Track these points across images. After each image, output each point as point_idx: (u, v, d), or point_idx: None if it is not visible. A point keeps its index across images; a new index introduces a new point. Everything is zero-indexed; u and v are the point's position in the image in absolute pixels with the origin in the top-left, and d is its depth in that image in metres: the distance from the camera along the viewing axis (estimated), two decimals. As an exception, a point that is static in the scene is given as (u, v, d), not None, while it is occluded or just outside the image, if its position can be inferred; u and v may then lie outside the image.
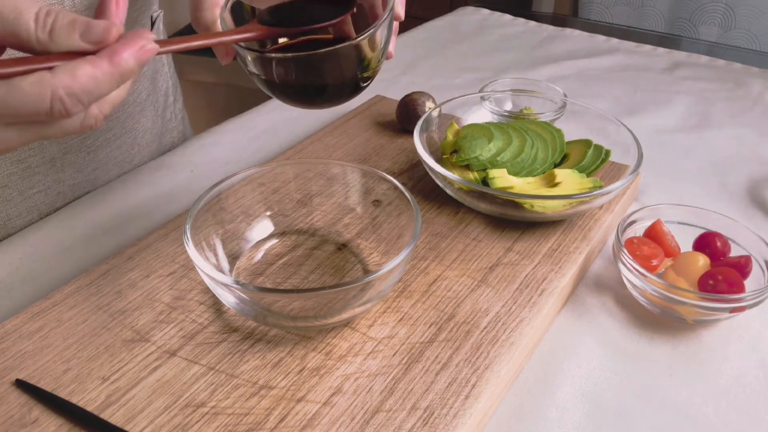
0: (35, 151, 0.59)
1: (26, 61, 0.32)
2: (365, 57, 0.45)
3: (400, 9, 0.47)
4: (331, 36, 0.50)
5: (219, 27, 0.44)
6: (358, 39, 0.43)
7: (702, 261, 0.51)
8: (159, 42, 0.36)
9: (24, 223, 0.61)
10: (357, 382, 0.42)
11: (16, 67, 0.32)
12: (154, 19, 0.71)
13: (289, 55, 0.45)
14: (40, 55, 0.33)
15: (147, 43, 0.34)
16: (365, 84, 0.48)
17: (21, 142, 0.34)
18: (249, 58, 0.45)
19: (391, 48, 0.48)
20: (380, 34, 0.45)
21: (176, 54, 0.80)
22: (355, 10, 0.46)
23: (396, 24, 0.49)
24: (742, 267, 0.51)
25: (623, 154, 0.59)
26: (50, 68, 0.32)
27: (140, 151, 0.71)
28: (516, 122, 0.65)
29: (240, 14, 0.47)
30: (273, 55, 0.45)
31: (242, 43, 0.44)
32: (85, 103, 0.33)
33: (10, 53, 0.35)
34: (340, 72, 0.46)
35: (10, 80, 0.31)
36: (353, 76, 0.46)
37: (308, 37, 0.49)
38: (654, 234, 0.54)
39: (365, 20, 0.48)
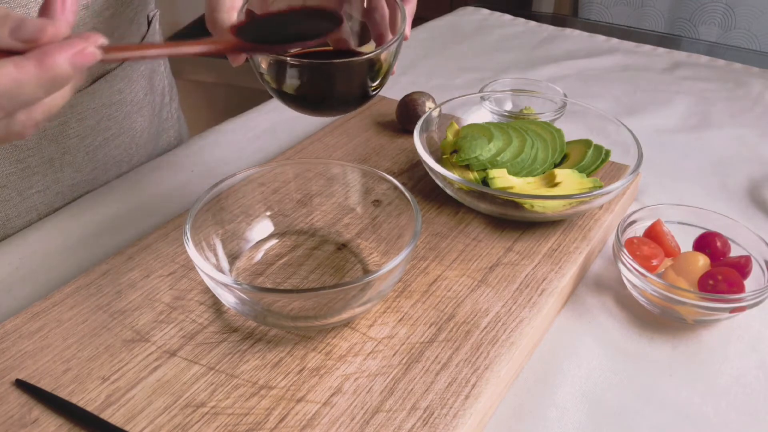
0: (34, 152, 0.59)
1: None
2: (377, 70, 0.46)
3: (408, 30, 0.48)
4: (330, 47, 0.50)
5: None
6: (378, 52, 0.45)
7: (702, 261, 0.51)
8: (110, 48, 0.33)
9: (23, 223, 0.61)
10: (357, 382, 0.42)
11: None
12: (150, 19, 0.71)
13: (307, 61, 0.45)
14: None
15: (87, 46, 0.31)
16: (372, 95, 0.48)
17: None
18: (262, 63, 0.45)
19: (394, 66, 0.49)
20: (389, 53, 0.46)
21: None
22: (340, 26, 0.44)
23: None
24: (742, 267, 0.51)
25: (623, 154, 0.59)
26: None
27: (138, 150, 0.71)
28: (516, 122, 0.65)
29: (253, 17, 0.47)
30: (290, 60, 0.45)
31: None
32: (7, 108, 0.30)
33: None
34: (352, 82, 0.47)
35: None
36: (364, 87, 0.47)
37: (312, 49, 0.50)
38: (654, 234, 0.54)
39: (365, 27, 0.49)
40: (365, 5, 0.49)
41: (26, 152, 0.59)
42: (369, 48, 0.50)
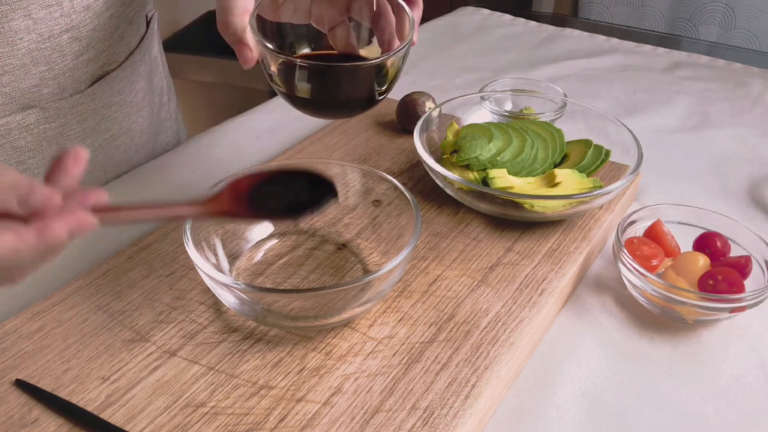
0: (34, 153, 0.59)
1: None
2: (385, 75, 0.47)
3: (416, 36, 0.48)
4: (335, 51, 0.51)
5: (249, 34, 0.44)
6: (387, 57, 0.45)
7: (702, 261, 0.51)
8: (105, 210, 0.34)
9: None
10: (357, 382, 0.42)
11: None
12: (149, 19, 0.72)
13: (318, 64, 0.46)
14: None
15: (84, 217, 0.32)
16: (378, 100, 0.49)
17: None
18: (272, 65, 0.45)
19: (401, 72, 0.49)
20: (399, 57, 0.46)
21: (176, 54, 0.79)
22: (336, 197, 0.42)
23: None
24: (742, 267, 0.51)
25: (623, 154, 0.59)
26: None
27: (137, 151, 0.71)
28: (516, 122, 0.65)
29: (263, 22, 0.48)
30: (300, 62, 0.46)
31: (271, 46, 0.44)
32: (0, 269, 0.31)
33: None
34: (360, 86, 0.47)
35: None
36: (371, 91, 0.47)
37: (318, 52, 0.51)
38: (654, 234, 0.54)
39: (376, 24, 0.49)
40: (373, 11, 0.49)
41: (27, 154, 0.59)
42: (372, 53, 0.50)
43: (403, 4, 0.47)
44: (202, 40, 1.75)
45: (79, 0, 0.56)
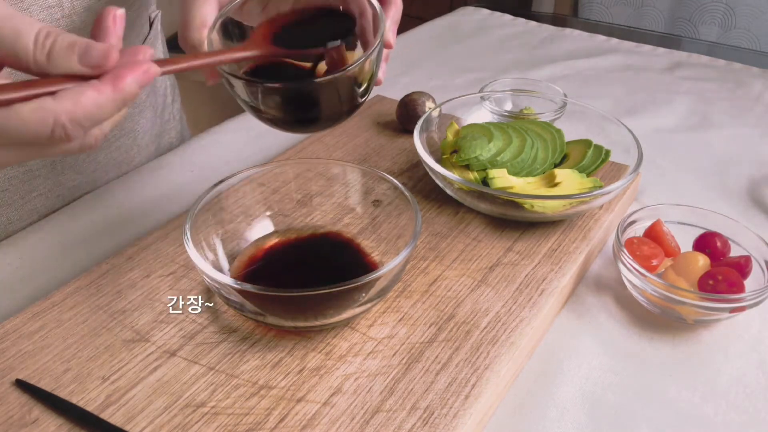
0: None
1: (27, 86, 0.32)
2: (355, 85, 0.45)
3: (391, 37, 0.46)
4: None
5: (206, 48, 0.43)
6: (349, 68, 0.42)
7: (702, 261, 0.51)
8: (160, 62, 0.35)
9: (24, 226, 0.61)
10: (357, 382, 0.42)
11: (16, 93, 0.31)
12: (152, 20, 0.71)
13: (277, 85, 0.44)
14: (39, 76, 0.33)
15: (150, 66, 0.34)
16: (354, 109, 0.47)
17: (17, 160, 0.34)
18: (235, 84, 0.44)
19: (380, 75, 0.47)
20: (370, 63, 0.44)
21: (176, 54, 0.79)
22: (355, 32, 0.45)
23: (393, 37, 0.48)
24: (742, 267, 0.51)
25: (623, 154, 0.59)
26: (52, 93, 0.32)
27: (139, 152, 0.71)
28: (516, 122, 0.65)
29: (230, 33, 0.46)
30: (261, 82, 0.44)
31: (226, 69, 0.43)
32: (87, 127, 0.33)
33: (9, 72, 0.35)
34: (330, 100, 0.45)
35: (10, 106, 0.31)
36: (343, 103, 0.46)
37: (285, 60, 0.48)
38: (654, 234, 0.54)
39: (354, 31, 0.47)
40: (353, 11, 0.47)
41: None
42: (357, 55, 0.48)
43: (375, 3, 0.45)
44: (202, 40, 1.75)
45: (80, 1, 0.55)
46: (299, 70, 0.46)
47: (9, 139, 0.32)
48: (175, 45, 0.83)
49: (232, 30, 0.47)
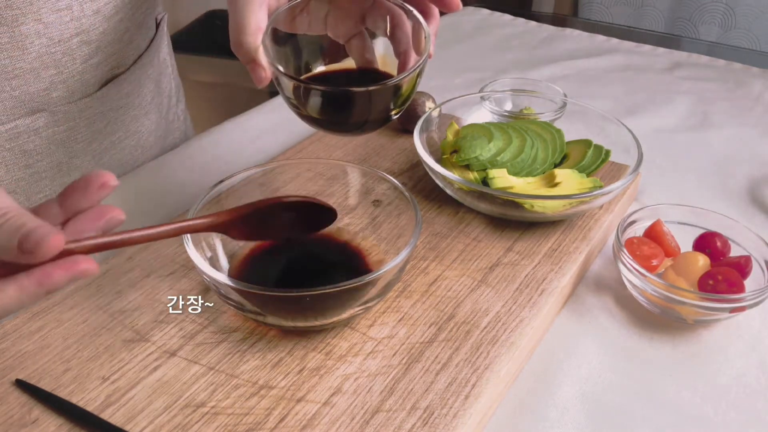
0: (42, 156, 0.59)
1: None
2: (401, 92, 0.47)
3: (432, 49, 0.48)
4: (352, 66, 0.51)
5: (262, 54, 0.44)
6: (398, 79, 0.45)
7: (702, 261, 0.51)
8: (111, 236, 0.34)
9: None
10: (357, 382, 0.42)
11: None
12: (158, 21, 0.71)
13: (332, 89, 0.45)
14: None
15: (88, 267, 0.32)
16: (395, 116, 0.49)
17: None
18: (287, 86, 0.46)
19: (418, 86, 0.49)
20: (413, 78, 0.46)
21: (176, 54, 0.79)
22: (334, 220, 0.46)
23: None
24: (742, 267, 0.51)
25: (623, 154, 0.59)
26: None
27: (143, 153, 0.71)
28: (516, 122, 0.65)
29: (279, 39, 0.48)
30: (313, 86, 0.46)
31: (282, 69, 0.44)
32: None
33: None
34: (377, 106, 0.47)
35: None
36: (387, 111, 0.47)
37: (333, 69, 0.51)
38: (654, 234, 0.54)
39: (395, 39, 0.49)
40: (388, 22, 0.48)
41: (35, 157, 0.59)
42: (389, 64, 0.49)
43: (419, 17, 0.47)
44: (203, 39, 1.75)
45: (89, 4, 0.56)
46: (352, 76, 0.50)
47: None
48: (179, 45, 0.83)
49: (281, 37, 0.48)
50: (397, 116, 0.49)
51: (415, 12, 0.47)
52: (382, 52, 0.50)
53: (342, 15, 0.50)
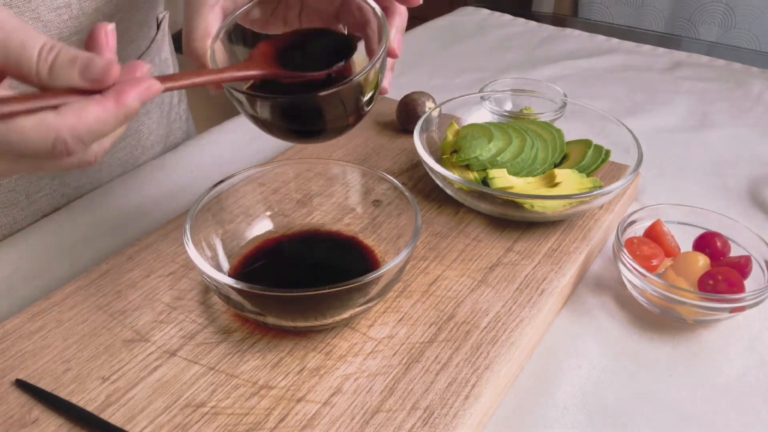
0: None
1: (29, 99, 0.31)
2: (360, 94, 0.44)
3: (396, 46, 0.46)
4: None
5: (209, 59, 0.43)
6: (354, 79, 0.42)
7: (702, 261, 0.51)
8: (161, 78, 0.35)
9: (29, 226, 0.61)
10: (357, 382, 0.42)
11: (19, 105, 0.31)
12: (159, 21, 0.71)
13: (280, 98, 0.43)
14: (41, 89, 0.33)
15: (152, 83, 0.34)
16: (359, 119, 0.46)
17: (15, 172, 0.34)
18: (242, 99, 0.44)
19: (386, 84, 0.47)
20: (374, 73, 0.43)
21: (178, 54, 0.80)
22: (355, 50, 0.45)
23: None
24: (742, 267, 0.51)
25: (623, 154, 0.59)
26: (54, 107, 0.31)
27: (144, 152, 0.71)
28: (516, 122, 0.65)
29: (233, 41, 0.46)
30: (262, 96, 0.44)
31: (228, 84, 0.42)
32: (88, 143, 0.33)
33: (10, 84, 0.35)
34: (335, 111, 0.45)
35: (12, 119, 0.31)
36: (348, 114, 0.45)
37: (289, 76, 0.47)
38: (654, 234, 0.54)
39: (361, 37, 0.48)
40: (357, 21, 0.47)
41: None
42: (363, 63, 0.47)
43: (378, 11, 0.45)
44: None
45: (88, 2, 0.55)
46: (304, 81, 0.46)
47: (9, 152, 0.32)
48: (179, 45, 0.83)
49: (236, 38, 0.47)
50: (367, 111, 0.46)
51: (376, 8, 0.45)
52: (358, 50, 0.49)
53: (314, 15, 0.49)
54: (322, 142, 0.53)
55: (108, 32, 0.34)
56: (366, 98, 0.45)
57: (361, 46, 0.47)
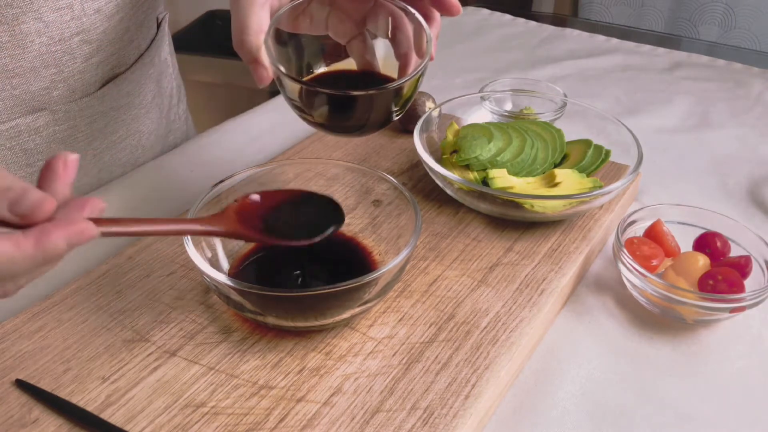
0: (43, 155, 0.59)
1: None
2: (402, 94, 0.47)
3: (434, 52, 0.48)
4: (354, 68, 0.51)
5: (264, 54, 0.44)
6: (405, 80, 0.45)
7: (702, 261, 0.51)
8: (107, 222, 0.33)
9: None
10: (357, 382, 0.42)
11: None
12: (159, 21, 0.71)
13: (334, 92, 0.45)
14: None
15: (87, 228, 0.31)
16: (395, 118, 0.49)
17: None
18: (288, 86, 0.46)
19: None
20: (415, 81, 0.46)
21: (177, 53, 0.79)
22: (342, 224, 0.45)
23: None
24: (742, 267, 0.51)
25: (623, 154, 0.59)
26: None
27: (144, 153, 0.71)
28: (516, 122, 0.65)
29: (282, 40, 0.48)
30: (316, 89, 0.46)
31: (284, 70, 0.45)
32: None
33: None
34: (379, 109, 0.47)
35: None
36: (388, 113, 0.48)
37: (335, 70, 0.51)
38: (654, 234, 0.54)
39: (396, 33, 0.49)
40: (389, 24, 0.49)
41: (36, 156, 0.59)
42: (389, 66, 0.50)
43: (421, 19, 0.47)
44: (203, 39, 1.75)
45: (90, 3, 0.55)
46: (353, 78, 0.50)
47: None
48: (179, 45, 0.83)
49: (284, 37, 0.48)
50: (398, 117, 0.49)
51: (417, 14, 0.47)
52: (382, 53, 0.50)
53: (342, 16, 0.50)
54: (357, 136, 0.58)
55: (68, 163, 0.33)
56: (404, 100, 0.47)
57: (385, 48, 0.50)
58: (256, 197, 0.44)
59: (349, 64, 0.51)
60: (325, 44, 0.52)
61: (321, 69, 0.52)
